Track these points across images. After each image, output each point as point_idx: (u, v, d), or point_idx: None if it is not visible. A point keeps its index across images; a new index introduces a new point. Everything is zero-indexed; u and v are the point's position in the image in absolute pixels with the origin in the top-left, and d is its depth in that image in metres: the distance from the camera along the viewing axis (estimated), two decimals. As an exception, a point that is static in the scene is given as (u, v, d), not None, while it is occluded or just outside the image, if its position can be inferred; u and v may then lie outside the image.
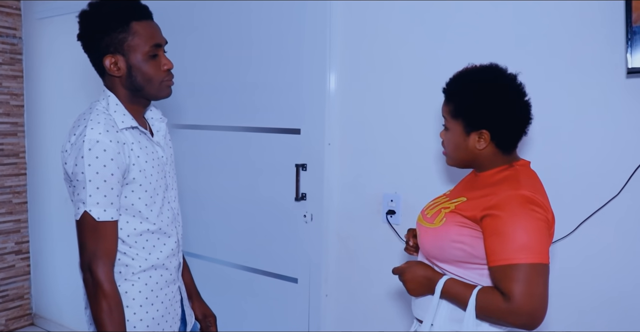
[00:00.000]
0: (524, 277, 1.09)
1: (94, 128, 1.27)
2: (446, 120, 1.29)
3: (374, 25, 1.95)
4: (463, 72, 1.29)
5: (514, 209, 1.13)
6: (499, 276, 1.13)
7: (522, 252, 1.10)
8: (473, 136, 1.24)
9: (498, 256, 1.12)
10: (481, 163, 1.28)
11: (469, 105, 1.23)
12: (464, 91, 1.25)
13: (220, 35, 2.36)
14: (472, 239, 1.20)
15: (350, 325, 2.10)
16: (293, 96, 2.15)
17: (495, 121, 1.22)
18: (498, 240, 1.13)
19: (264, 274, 2.31)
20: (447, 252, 1.23)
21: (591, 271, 1.58)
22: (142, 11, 1.36)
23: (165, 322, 1.42)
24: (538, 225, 1.13)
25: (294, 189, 2.15)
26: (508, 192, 1.16)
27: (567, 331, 1.63)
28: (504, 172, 1.25)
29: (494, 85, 1.23)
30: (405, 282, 1.29)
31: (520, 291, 1.08)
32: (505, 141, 1.25)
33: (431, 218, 1.31)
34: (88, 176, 1.24)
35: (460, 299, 1.18)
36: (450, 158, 1.33)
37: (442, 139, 1.33)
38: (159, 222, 1.40)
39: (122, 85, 1.37)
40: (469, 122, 1.24)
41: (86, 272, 1.27)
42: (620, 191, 1.52)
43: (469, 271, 1.22)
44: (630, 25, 1.45)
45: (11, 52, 3.24)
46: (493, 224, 1.14)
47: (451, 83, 1.30)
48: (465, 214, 1.21)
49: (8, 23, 3.22)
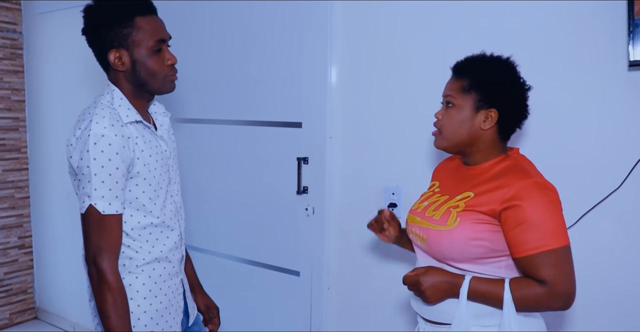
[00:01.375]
0: (556, 262, 1.13)
1: (99, 122, 1.28)
2: (452, 97, 1.27)
3: (375, 18, 1.95)
4: (478, 56, 1.30)
5: (533, 197, 1.15)
6: (532, 265, 1.14)
7: (549, 238, 1.13)
8: (481, 114, 1.24)
9: (527, 246, 1.14)
10: (477, 148, 1.27)
11: (487, 82, 1.24)
12: (484, 67, 1.26)
13: (221, 30, 2.35)
14: (491, 233, 1.19)
15: (351, 318, 2.12)
16: (294, 90, 2.15)
17: (507, 102, 1.23)
18: (524, 230, 1.14)
19: (266, 267, 2.32)
20: (466, 251, 1.21)
21: (591, 264, 1.59)
22: (146, 6, 1.37)
23: (168, 314, 1.43)
24: (556, 208, 1.17)
25: (295, 182, 2.15)
26: (522, 182, 1.17)
27: (567, 331, 1.64)
28: (504, 163, 1.25)
29: (512, 69, 1.27)
30: (424, 292, 1.22)
31: (557, 274, 1.13)
32: (507, 127, 1.27)
33: (442, 220, 1.26)
34: (93, 170, 1.25)
35: (491, 295, 1.17)
36: (445, 139, 1.29)
37: (439, 118, 1.30)
38: (162, 215, 1.41)
39: (126, 79, 1.38)
40: (483, 97, 1.23)
41: (91, 265, 1.28)
42: (621, 184, 1.52)
43: (486, 266, 1.22)
44: (632, 18, 1.44)
45: (12, 47, 3.24)
46: (515, 215, 1.15)
47: (466, 62, 1.30)
48: (481, 210, 1.20)
49: (8, 18, 3.21)
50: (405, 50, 1.89)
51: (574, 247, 1.59)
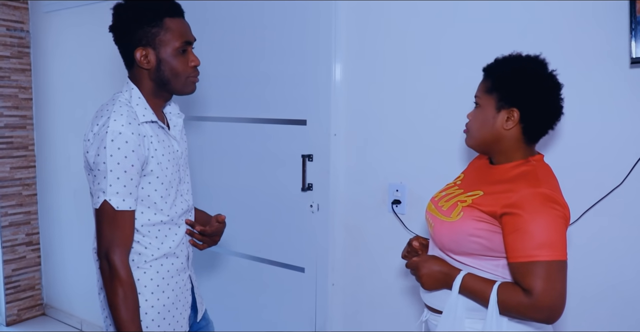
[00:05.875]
0: (545, 274, 1.12)
1: (117, 120, 1.30)
2: (479, 98, 1.31)
3: (379, 16, 1.96)
4: (509, 56, 1.32)
5: (534, 207, 1.15)
6: (520, 272, 1.15)
7: (543, 249, 1.13)
8: (502, 114, 1.26)
9: (519, 253, 1.15)
10: (501, 148, 1.29)
11: (508, 81, 1.25)
12: (504, 67, 1.28)
13: (227, 29, 2.37)
14: (490, 233, 1.21)
15: (356, 314, 2.14)
16: (299, 87, 2.16)
17: (527, 101, 1.24)
18: (519, 237, 1.15)
19: (272, 263, 2.34)
20: (463, 245, 1.25)
21: (593, 261, 1.60)
22: (175, 8, 1.41)
23: (175, 309, 1.46)
24: (558, 222, 1.15)
25: (300, 179, 2.17)
26: (528, 190, 1.17)
27: (569, 330, 1.65)
28: (521, 168, 1.26)
29: (536, 69, 1.27)
30: (421, 277, 1.30)
31: (542, 287, 1.12)
32: (532, 127, 1.26)
33: (447, 211, 1.31)
34: (109, 166, 1.28)
35: (480, 295, 1.20)
36: (471, 137, 1.33)
37: (469, 118, 1.34)
38: (173, 213, 1.44)
39: (150, 77, 1.41)
40: (503, 96, 1.25)
41: (103, 259, 1.31)
42: (623, 181, 1.53)
43: (484, 262, 1.24)
44: (635, 15, 1.45)
45: (19, 45, 3.27)
46: (513, 222, 1.16)
47: (495, 62, 1.32)
48: (484, 209, 1.22)
49: (15, 17, 3.24)
50: (409, 48, 1.90)
51: (576, 243, 1.62)
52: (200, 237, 1.55)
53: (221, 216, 1.60)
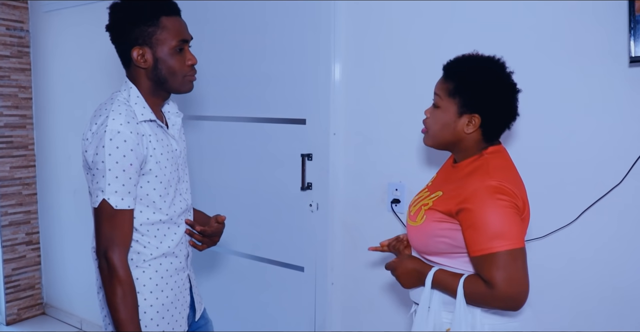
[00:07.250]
0: (502, 264, 1.15)
1: (116, 119, 1.30)
2: (439, 98, 1.30)
3: (379, 16, 1.96)
4: (469, 56, 1.31)
5: (482, 200, 1.18)
6: (479, 265, 1.19)
7: (496, 241, 1.16)
8: (464, 119, 1.27)
9: (476, 247, 1.18)
10: (461, 148, 1.31)
11: (471, 87, 1.25)
12: (469, 73, 1.27)
13: (226, 29, 2.37)
14: (452, 232, 1.25)
15: (356, 313, 2.14)
16: (298, 87, 2.16)
17: (490, 108, 1.25)
18: (473, 232, 1.18)
19: (271, 262, 2.34)
20: (432, 246, 1.30)
21: (593, 261, 1.60)
22: (172, 7, 1.40)
23: (174, 308, 1.46)
24: (506, 212, 1.18)
25: (299, 178, 2.17)
26: (475, 185, 1.20)
27: (567, 331, 1.65)
28: (475, 163, 1.28)
29: (498, 74, 1.27)
30: (398, 277, 1.37)
31: (501, 277, 1.15)
32: (492, 131, 1.28)
33: (414, 216, 1.36)
34: (108, 165, 1.28)
35: (449, 288, 1.25)
36: (430, 137, 1.34)
37: (427, 116, 1.34)
38: (172, 212, 1.44)
39: (147, 77, 1.40)
40: (466, 103, 1.25)
41: (102, 258, 1.31)
42: (622, 180, 1.53)
43: (454, 260, 1.28)
44: (634, 14, 1.45)
45: (19, 45, 3.27)
46: (467, 218, 1.20)
47: (456, 63, 1.31)
48: (442, 210, 1.26)
49: (15, 16, 3.24)
50: (408, 47, 1.90)
51: (576, 243, 1.62)
52: (200, 238, 1.55)
53: (221, 216, 1.60)
